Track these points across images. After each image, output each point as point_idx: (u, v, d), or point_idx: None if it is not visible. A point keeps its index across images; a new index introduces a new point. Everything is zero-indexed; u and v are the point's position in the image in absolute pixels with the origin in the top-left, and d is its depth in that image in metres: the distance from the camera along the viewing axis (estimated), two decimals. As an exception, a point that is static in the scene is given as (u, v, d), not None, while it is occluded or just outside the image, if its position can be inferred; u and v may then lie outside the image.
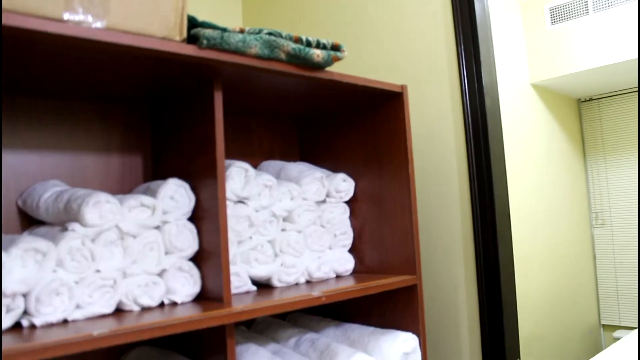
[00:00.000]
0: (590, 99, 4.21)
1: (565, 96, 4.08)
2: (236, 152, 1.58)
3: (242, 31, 1.11)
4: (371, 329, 1.39)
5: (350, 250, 1.51)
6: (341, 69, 1.92)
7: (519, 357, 1.66)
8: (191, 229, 1.18)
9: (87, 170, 1.32)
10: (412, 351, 1.34)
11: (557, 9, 3.51)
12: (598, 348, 4.06)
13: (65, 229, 1.06)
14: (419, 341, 1.36)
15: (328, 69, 1.26)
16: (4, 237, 1.06)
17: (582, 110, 4.25)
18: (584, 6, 3.39)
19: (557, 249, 3.70)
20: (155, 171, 1.37)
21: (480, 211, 1.61)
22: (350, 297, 1.22)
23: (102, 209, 1.07)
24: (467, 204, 1.64)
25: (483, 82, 1.65)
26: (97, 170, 1.33)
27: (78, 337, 0.89)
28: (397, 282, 1.33)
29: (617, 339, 3.94)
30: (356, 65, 1.96)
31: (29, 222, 1.22)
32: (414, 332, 1.37)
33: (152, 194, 1.18)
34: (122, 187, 1.35)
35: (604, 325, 4.16)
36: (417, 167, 1.72)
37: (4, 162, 1.21)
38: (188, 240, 1.18)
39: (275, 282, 1.30)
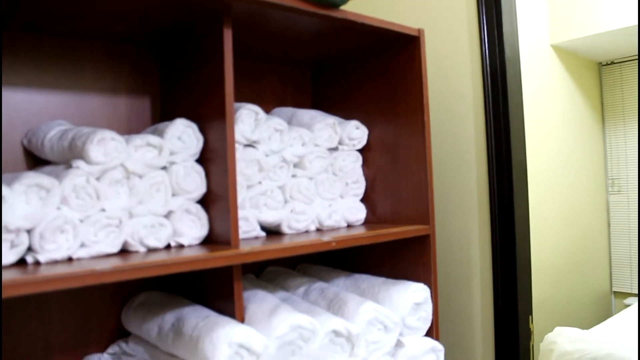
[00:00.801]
0: (612, 63, 4.09)
1: (585, 59, 3.97)
2: (247, 99, 1.54)
3: (253, -38, 1.06)
4: (382, 279, 1.36)
5: (362, 200, 1.48)
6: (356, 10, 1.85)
7: (532, 314, 1.63)
8: (199, 170, 1.15)
9: (94, 111, 1.29)
10: (423, 302, 1.32)
11: (580, -34, 3.39)
12: (608, 314, 4.04)
13: (69, 167, 1.03)
14: (430, 292, 1.34)
15: (343, 7, 1.20)
16: (7, 174, 1.03)
17: (603, 74, 4.14)
18: (609, -37, 3.27)
19: (571, 214, 3.65)
20: (164, 113, 1.34)
21: (496, 165, 1.57)
22: (361, 243, 1.19)
23: (107, 146, 1.04)
24: (483, 158, 1.59)
25: (503, 31, 1.58)
26: (104, 111, 1.30)
27: (80, 272, 0.87)
28: (410, 231, 1.30)
29: (628, 306, 3.91)
30: (371, 8, 1.89)
31: (35, 161, 1.19)
32: (425, 284, 1.34)
33: (159, 134, 1.15)
34: (129, 130, 1.32)
35: (615, 292, 4.13)
36: (432, 119, 1.67)
37: (9, 101, 1.18)
38: (195, 182, 1.14)
39: (285, 229, 1.28)
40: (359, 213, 1.42)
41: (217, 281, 1.13)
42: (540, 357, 2.45)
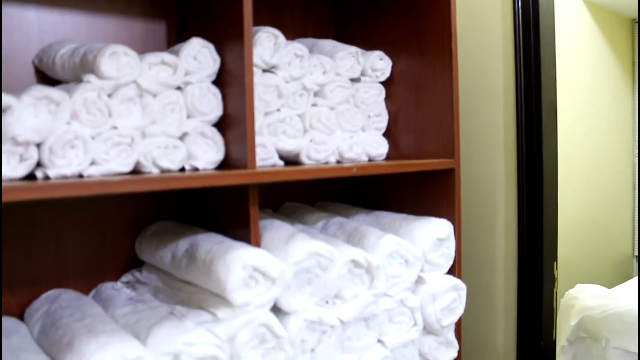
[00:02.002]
0: (646, 19, 3.93)
1: (618, 15, 3.81)
2: (266, 30, 1.48)
3: None
4: (403, 215, 1.32)
5: (385, 135, 1.42)
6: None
7: (557, 261, 1.58)
8: (215, 92, 1.10)
9: (107, 34, 1.24)
10: (446, 238, 1.27)
11: None
12: (629, 278, 3.97)
13: (80, 82, 0.98)
14: (454, 229, 1.29)
15: None
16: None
17: (636, 32, 3.98)
18: None
19: (596, 174, 3.56)
20: (180, 39, 1.28)
21: (525, 103, 1.50)
22: (384, 172, 1.15)
23: (119, 60, 0.99)
24: (512, 95, 1.52)
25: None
26: (118, 35, 1.25)
27: (89, 181, 0.83)
28: (435, 163, 1.25)
29: (650, 270, 3.84)
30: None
31: (46, 82, 1.15)
32: (448, 220, 1.29)
33: (175, 53, 1.09)
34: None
35: (637, 256, 4.05)
36: (459, 53, 1.59)
37: (22, 20, 1.13)
38: (211, 104, 1.09)
39: (304, 159, 1.22)
40: (381, 148, 1.37)
41: (233, 206, 1.09)
42: (561, 313, 2.40)
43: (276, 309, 1.02)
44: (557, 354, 2.20)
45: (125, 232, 1.26)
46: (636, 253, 4.01)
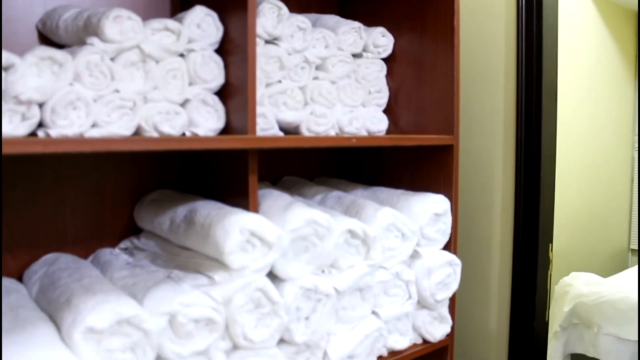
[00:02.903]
0: (650, 12, 3.92)
1: (622, 7, 3.81)
2: (270, 4, 1.48)
3: None
4: (401, 191, 1.33)
5: (385, 112, 1.42)
6: None
7: (552, 242, 1.59)
8: (217, 60, 1.11)
9: (111, 0, 1.24)
10: (442, 213, 1.28)
11: None
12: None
13: (84, 44, 0.99)
14: (451, 205, 1.30)
15: None
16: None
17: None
18: None
19: (594, 167, 3.57)
20: (183, 6, 1.28)
21: (526, 83, 1.50)
22: (383, 144, 1.16)
23: (123, 24, 0.99)
24: (512, 76, 1.52)
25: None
26: (123, 1, 1.25)
27: (91, 138, 0.84)
28: (434, 139, 1.25)
29: (646, 263, 3.85)
30: None
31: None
32: (446, 196, 1.30)
33: (179, 20, 1.10)
34: (147, 23, 1.27)
35: (632, 250, 4.06)
36: (461, 36, 1.59)
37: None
38: (213, 72, 1.10)
39: (304, 131, 1.23)
40: (381, 124, 1.37)
41: (232, 174, 1.09)
42: (555, 300, 2.43)
43: (272, 276, 1.03)
44: (550, 339, 2.22)
45: (125, 200, 1.26)
46: (632, 246, 4.03)
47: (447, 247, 1.31)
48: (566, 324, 2.34)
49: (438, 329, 1.31)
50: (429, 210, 1.25)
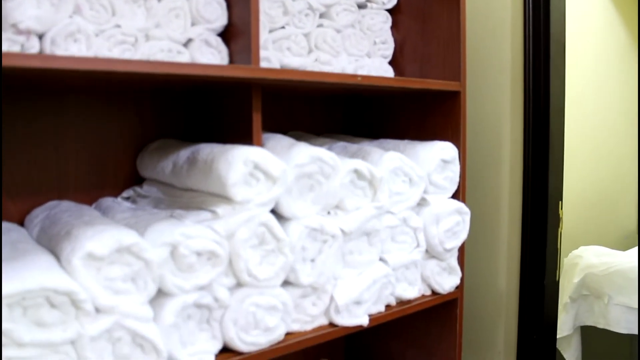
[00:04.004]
0: (657, -10, 3.87)
1: (629, -15, 3.77)
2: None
3: None
4: (407, 140, 1.30)
5: (390, 64, 1.40)
6: None
7: (562, 200, 1.56)
8: (220, 1, 1.09)
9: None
10: (450, 160, 1.26)
11: None
12: (634, 255, 3.94)
13: (83, -22, 0.97)
14: (459, 153, 1.27)
15: None
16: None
17: (644, 4, 3.92)
18: None
19: (603, 147, 3.52)
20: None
21: (533, 36, 1.47)
22: (388, 85, 1.13)
23: (123, -42, 0.97)
24: (520, 29, 1.50)
25: None
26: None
27: (89, 57, 0.82)
28: (440, 84, 1.23)
29: (655, 247, 3.81)
30: None
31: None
32: (453, 144, 1.27)
33: (180, -41, 1.08)
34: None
35: (642, 232, 4.02)
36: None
37: None
38: (216, 11, 1.08)
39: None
40: (386, 75, 1.35)
41: (235, 114, 1.08)
42: (564, 272, 2.39)
43: (278, 217, 1.00)
44: (559, 312, 2.19)
45: (127, 150, 1.25)
46: (643, 228, 3.98)
47: (455, 197, 1.29)
48: (576, 295, 2.31)
49: (447, 281, 1.28)
50: (436, 157, 1.22)
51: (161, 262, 0.87)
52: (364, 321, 1.11)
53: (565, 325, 2.27)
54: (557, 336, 2.07)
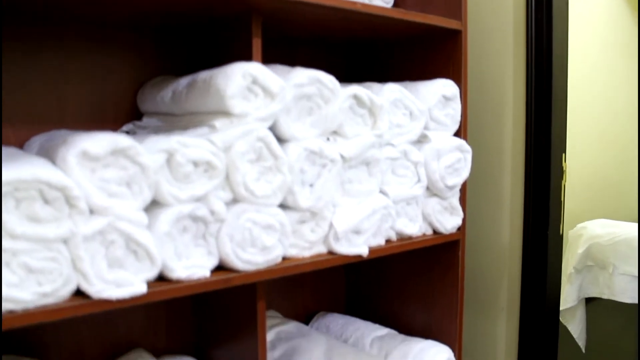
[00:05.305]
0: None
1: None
2: None
3: None
4: (408, 82, 1.29)
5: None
6: None
7: (565, 152, 1.55)
8: None
9: None
10: (452, 98, 1.25)
11: None
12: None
13: None
14: (460, 92, 1.26)
15: None
16: None
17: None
18: None
19: (607, 132, 3.50)
20: None
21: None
22: (389, 15, 1.13)
23: None
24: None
25: None
26: None
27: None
28: (442, 20, 1.22)
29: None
30: None
31: None
32: (455, 82, 1.26)
33: None
34: None
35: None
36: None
37: None
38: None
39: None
40: (387, 6, 1.33)
41: (236, 44, 1.07)
42: (569, 245, 2.37)
43: (277, 140, 0.99)
44: (563, 283, 2.17)
45: (128, 86, 1.24)
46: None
47: (457, 136, 1.28)
48: (580, 266, 2.29)
49: (449, 220, 1.27)
50: (437, 92, 1.21)
51: (157, 168, 0.86)
52: (364, 251, 1.09)
53: (570, 297, 2.24)
54: (561, 308, 2.05)
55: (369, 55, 1.51)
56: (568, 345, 2.27)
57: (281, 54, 1.44)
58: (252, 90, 0.94)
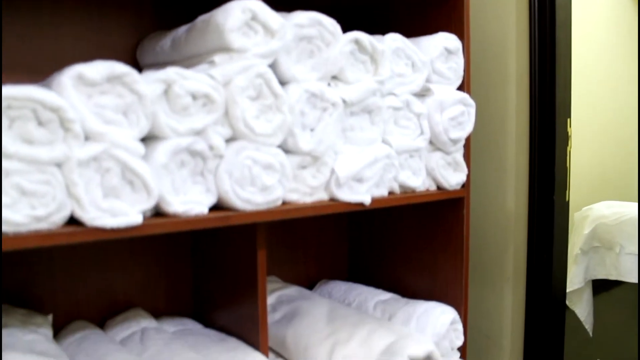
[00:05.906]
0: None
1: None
2: None
3: None
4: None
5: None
6: None
7: (570, 118, 1.53)
8: None
9: None
10: (454, 51, 1.24)
11: None
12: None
13: None
14: (462, 46, 1.25)
15: None
16: None
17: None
18: None
19: (610, 125, 3.48)
20: None
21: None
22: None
23: None
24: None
25: None
26: None
27: None
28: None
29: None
30: None
31: None
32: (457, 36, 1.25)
33: None
34: None
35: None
36: None
37: None
38: None
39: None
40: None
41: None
42: (575, 227, 2.34)
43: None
44: (570, 264, 2.14)
45: (126, 45, 1.23)
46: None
47: (460, 90, 1.26)
48: (587, 247, 2.25)
49: (453, 176, 1.24)
50: (439, 44, 1.20)
51: (154, 98, 0.84)
52: (366, 199, 1.07)
53: (576, 278, 2.21)
54: (567, 290, 2.02)
55: (368, 16, 1.49)
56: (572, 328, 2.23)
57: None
58: (252, 26, 0.93)
